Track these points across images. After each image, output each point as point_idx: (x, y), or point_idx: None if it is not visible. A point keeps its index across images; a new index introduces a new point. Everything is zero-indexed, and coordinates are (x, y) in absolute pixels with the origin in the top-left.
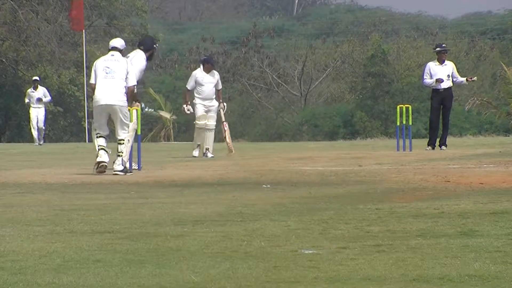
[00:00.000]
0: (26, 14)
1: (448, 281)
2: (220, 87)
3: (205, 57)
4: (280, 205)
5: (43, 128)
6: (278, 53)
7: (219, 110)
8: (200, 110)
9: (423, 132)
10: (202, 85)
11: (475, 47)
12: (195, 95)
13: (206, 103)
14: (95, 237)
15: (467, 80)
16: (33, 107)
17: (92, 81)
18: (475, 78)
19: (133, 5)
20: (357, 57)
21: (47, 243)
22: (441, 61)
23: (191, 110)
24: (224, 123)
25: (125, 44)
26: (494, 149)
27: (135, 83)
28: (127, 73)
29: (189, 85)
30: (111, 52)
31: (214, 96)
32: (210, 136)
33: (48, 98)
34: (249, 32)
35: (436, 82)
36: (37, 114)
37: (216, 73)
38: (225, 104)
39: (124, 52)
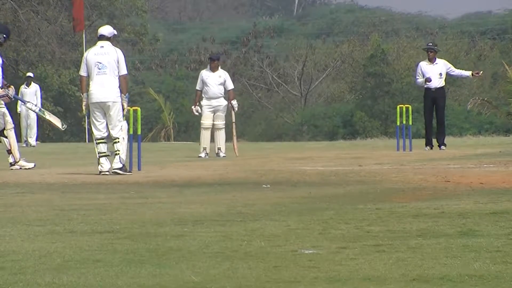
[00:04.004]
0: (26, 14)
1: (448, 281)
2: (230, 87)
3: (210, 55)
4: (280, 205)
5: (35, 128)
6: (278, 53)
7: (231, 110)
8: (205, 110)
9: (423, 132)
10: (207, 84)
11: (475, 47)
12: (203, 95)
13: (213, 102)
14: (95, 237)
15: (472, 74)
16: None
17: (82, 73)
18: (481, 73)
19: (133, 5)
20: (357, 57)
21: (47, 243)
22: (431, 60)
23: (199, 111)
24: (233, 123)
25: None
26: (494, 149)
27: (127, 72)
28: (118, 63)
29: (198, 86)
30: (100, 43)
31: (222, 96)
32: (221, 135)
33: (38, 106)
34: (249, 32)
35: (425, 81)
36: (27, 113)
37: (224, 72)
38: (233, 103)
39: (113, 40)
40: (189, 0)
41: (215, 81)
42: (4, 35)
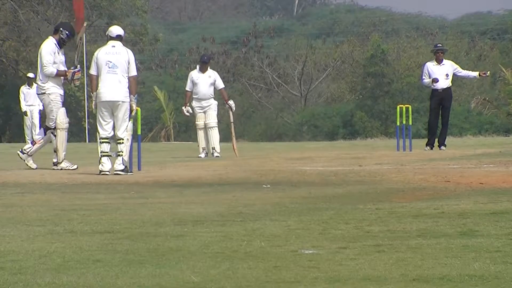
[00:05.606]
0: (26, 14)
1: (448, 281)
2: (221, 86)
3: (201, 58)
4: (280, 205)
5: (38, 126)
6: (278, 53)
7: (229, 111)
8: (196, 111)
9: (423, 132)
10: (197, 85)
11: (475, 47)
12: (193, 96)
13: (203, 103)
14: (95, 237)
15: (479, 75)
16: (27, 105)
17: (92, 72)
18: (488, 73)
19: (133, 5)
20: (357, 57)
21: (47, 243)
22: (439, 61)
23: (190, 111)
24: (231, 124)
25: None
26: (494, 149)
27: (136, 73)
28: (129, 64)
29: (187, 86)
30: (112, 43)
31: (212, 97)
32: (214, 134)
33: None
34: (249, 32)
35: (432, 82)
36: (31, 112)
37: (213, 72)
38: (230, 103)
39: (123, 40)
40: (189, 0)
41: (206, 81)
42: (68, 32)
